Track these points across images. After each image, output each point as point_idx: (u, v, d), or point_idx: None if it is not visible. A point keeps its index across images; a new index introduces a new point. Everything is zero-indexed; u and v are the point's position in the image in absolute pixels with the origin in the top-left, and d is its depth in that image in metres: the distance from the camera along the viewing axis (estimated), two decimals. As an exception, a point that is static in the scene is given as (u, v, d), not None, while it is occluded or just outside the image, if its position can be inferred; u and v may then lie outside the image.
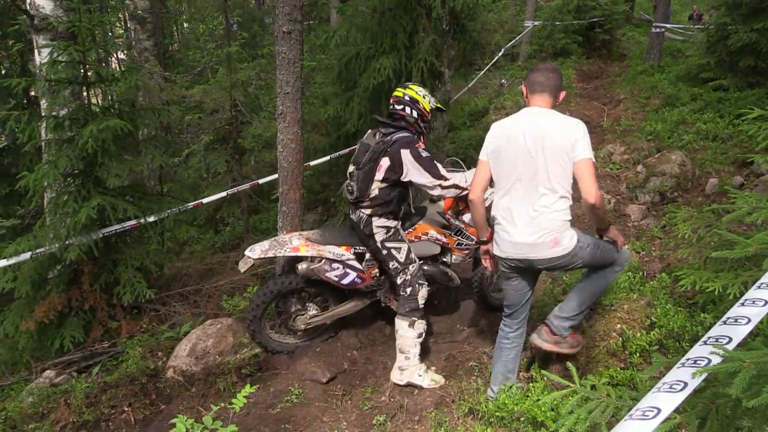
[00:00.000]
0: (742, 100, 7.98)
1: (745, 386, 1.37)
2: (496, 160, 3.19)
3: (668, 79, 10.36)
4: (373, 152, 3.97)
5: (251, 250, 4.23)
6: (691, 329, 3.51)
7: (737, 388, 1.36)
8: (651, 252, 5.50)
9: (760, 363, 1.38)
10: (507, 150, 3.12)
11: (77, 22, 4.95)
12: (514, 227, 3.13)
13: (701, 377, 1.46)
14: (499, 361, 3.54)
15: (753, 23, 8.01)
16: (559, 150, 2.99)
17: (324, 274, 4.25)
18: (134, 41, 10.21)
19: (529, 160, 3.04)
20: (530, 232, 3.08)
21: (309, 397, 4.09)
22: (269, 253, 4.20)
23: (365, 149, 4.05)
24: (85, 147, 4.83)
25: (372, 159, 3.97)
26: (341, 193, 6.76)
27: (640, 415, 1.39)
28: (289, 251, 4.22)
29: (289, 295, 4.52)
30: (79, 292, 5.24)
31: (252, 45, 13.70)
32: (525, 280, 3.37)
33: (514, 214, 3.13)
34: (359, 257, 4.34)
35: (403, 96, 4.14)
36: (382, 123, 4.11)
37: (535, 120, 3.09)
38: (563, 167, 3.01)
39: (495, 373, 3.57)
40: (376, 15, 6.53)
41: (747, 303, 1.86)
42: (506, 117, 3.29)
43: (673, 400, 1.41)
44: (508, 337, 3.51)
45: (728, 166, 6.90)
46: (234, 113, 7.92)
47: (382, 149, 3.95)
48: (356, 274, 4.32)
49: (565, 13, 14.27)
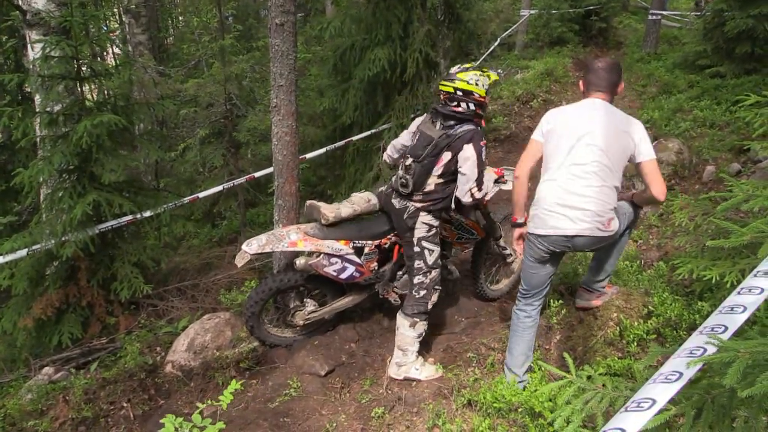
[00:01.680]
0: (739, 86, 7.96)
1: (739, 376, 1.36)
2: (553, 143, 3.26)
3: (665, 66, 10.33)
4: (435, 146, 3.80)
5: (248, 244, 4.14)
6: (689, 318, 3.51)
7: (732, 378, 1.35)
8: (648, 240, 5.50)
9: (754, 353, 1.38)
10: (566, 136, 3.20)
11: (69, 16, 4.92)
12: (573, 200, 3.17)
13: (696, 367, 1.45)
14: (522, 341, 3.55)
15: (749, 9, 7.97)
16: (618, 148, 3.15)
17: (322, 269, 4.22)
18: (129, 35, 10.16)
19: (589, 147, 3.14)
20: (593, 208, 3.16)
21: (307, 391, 4.08)
22: (266, 248, 4.13)
23: (426, 141, 3.85)
24: (80, 142, 4.80)
25: (433, 153, 3.81)
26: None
27: (636, 406, 1.38)
28: (287, 246, 4.14)
29: (288, 290, 4.50)
30: (77, 288, 5.23)
31: (247, 37, 13.62)
32: (555, 262, 3.46)
33: (574, 189, 3.17)
34: (358, 251, 4.28)
35: (454, 92, 3.79)
36: (444, 115, 3.85)
37: (598, 112, 3.20)
38: (621, 161, 3.17)
39: (516, 356, 3.56)
40: (370, 5, 6.50)
41: (743, 291, 1.85)
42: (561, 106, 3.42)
43: (669, 390, 1.41)
44: (531, 315, 3.53)
45: (725, 153, 6.89)
46: (229, 107, 7.88)
47: (445, 143, 3.78)
48: (354, 268, 4.29)
49: (562, 1, 14.19)
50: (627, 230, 3.59)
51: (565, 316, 4.07)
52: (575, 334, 3.92)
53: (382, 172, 6.53)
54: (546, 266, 3.38)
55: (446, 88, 3.81)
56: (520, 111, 10.70)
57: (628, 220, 3.49)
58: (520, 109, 10.76)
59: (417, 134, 3.98)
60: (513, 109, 10.81)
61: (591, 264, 3.88)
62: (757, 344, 1.41)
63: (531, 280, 3.45)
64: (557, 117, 3.29)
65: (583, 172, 3.13)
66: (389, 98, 6.71)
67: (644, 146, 3.16)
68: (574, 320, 4.02)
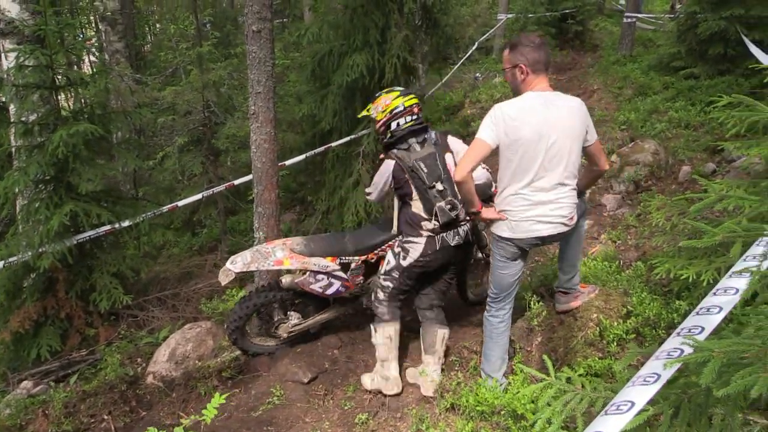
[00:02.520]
0: (713, 87, 8.07)
1: (715, 375, 1.38)
2: (515, 147, 3.11)
3: (640, 68, 10.44)
4: (438, 156, 3.75)
5: (232, 262, 4.06)
6: (667, 317, 3.55)
7: (707, 378, 1.37)
8: (627, 241, 5.56)
9: (728, 352, 1.40)
10: (532, 138, 3.08)
11: (44, 25, 4.87)
12: (544, 207, 3.18)
13: (673, 368, 1.47)
14: (497, 347, 3.57)
15: (721, 11, 8.09)
16: (579, 137, 3.17)
17: (308, 287, 4.17)
18: (105, 43, 10.06)
19: (559, 147, 3.10)
20: (563, 212, 3.21)
21: (291, 398, 4.07)
22: (252, 266, 4.05)
23: (433, 160, 3.72)
24: (56, 152, 4.76)
25: (444, 164, 3.77)
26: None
27: (615, 409, 1.40)
28: (272, 265, 4.06)
29: (271, 304, 4.46)
30: (55, 300, 5.17)
31: (225, 44, 13.56)
32: (525, 259, 3.47)
33: (546, 196, 3.17)
34: (345, 267, 4.24)
35: (410, 106, 3.82)
36: (414, 132, 3.81)
37: (558, 108, 3.13)
38: (579, 150, 3.20)
39: (494, 361, 3.58)
40: (347, 11, 6.50)
41: (719, 292, 1.88)
42: (508, 103, 3.18)
43: (647, 392, 1.42)
44: (504, 320, 3.54)
45: (700, 153, 6.98)
46: (207, 114, 7.83)
47: (442, 150, 3.79)
48: (341, 283, 4.26)
49: (538, 5, 14.30)
50: (581, 218, 3.61)
51: (546, 318, 4.09)
52: (556, 336, 3.94)
53: (361, 178, 6.53)
54: (517, 263, 3.41)
55: (407, 103, 3.82)
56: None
57: (580, 210, 3.49)
58: (498, 112, 10.80)
59: (419, 163, 3.71)
60: (492, 112, 10.86)
61: (559, 265, 3.92)
62: (731, 344, 1.43)
63: (502, 282, 3.46)
64: (520, 126, 3.08)
65: (555, 183, 3.15)
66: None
67: (591, 127, 3.23)
68: (554, 322, 4.05)
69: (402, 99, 3.81)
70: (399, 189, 3.81)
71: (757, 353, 1.39)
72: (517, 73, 3.20)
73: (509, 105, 3.16)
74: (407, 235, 3.83)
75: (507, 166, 3.20)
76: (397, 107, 3.79)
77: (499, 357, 3.58)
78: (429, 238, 3.77)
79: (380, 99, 3.89)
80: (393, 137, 3.80)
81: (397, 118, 3.78)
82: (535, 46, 3.16)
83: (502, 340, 3.58)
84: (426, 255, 3.79)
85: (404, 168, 3.69)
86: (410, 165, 3.68)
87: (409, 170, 3.69)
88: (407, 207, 3.81)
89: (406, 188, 3.74)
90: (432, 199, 3.68)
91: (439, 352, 3.99)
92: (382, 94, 3.92)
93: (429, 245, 3.77)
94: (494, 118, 3.13)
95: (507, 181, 3.24)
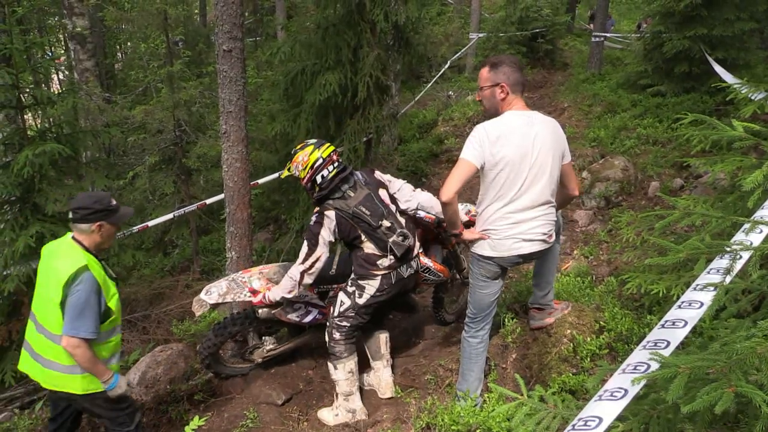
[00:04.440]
0: (679, 104, 8.27)
1: (681, 391, 1.39)
2: (499, 167, 3.10)
3: (609, 86, 10.65)
4: (375, 196, 3.79)
5: (208, 292, 3.98)
6: (639, 331, 3.58)
7: (674, 394, 1.38)
8: (599, 256, 5.62)
9: (694, 368, 1.41)
10: (516, 158, 3.08)
11: (10, 44, 4.79)
12: (525, 225, 3.19)
13: (640, 384, 1.48)
14: (475, 366, 3.56)
15: (686, 31, 8.31)
16: (559, 155, 3.21)
17: (285, 317, 4.11)
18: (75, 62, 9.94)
19: (540, 165, 3.12)
20: (544, 230, 3.24)
21: (264, 421, 4.00)
22: (227, 297, 3.97)
23: (370, 200, 3.75)
24: (22, 172, 4.67)
25: (382, 200, 3.81)
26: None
27: (582, 425, 1.39)
28: (248, 296, 3.99)
29: (246, 330, 4.39)
30: (20, 324, 5.03)
31: (198, 62, 13.50)
32: (504, 277, 3.48)
33: (528, 214, 3.18)
34: (322, 295, 4.22)
35: (329, 155, 3.82)
36: (343, 179, 3.80)
37: (540, 128, 3.15)
38: (559, 168, 3.24)
39: (472, 380, 3.57)
40: (320, 30, 6.53)
41: (684, 305, 1.90)
42: (491, 123, 3.18)
43: (614, 408, 1.42)
44: (482, 341, 3.53)
45: (669, 169, 7.12)
46: (178, 133, 7.77)
47: (373, 188, 3.83)
48: (318, 311, 4.21)
49: (509, 24, 14.55)
50: (558, 234, 3.67)
51: (520, 335, 4.10)
52: (531, 352, 3.95)
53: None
54: (497, 282, 3.41)
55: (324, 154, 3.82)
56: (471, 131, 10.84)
57: (556, 227, 3.51)
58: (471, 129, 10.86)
59: (360, 209, 3.70)
60: (464, 130, 10.98)
61: (534, 281, 3.93)
62: (696, 359, 1.44)
63: (482, 302, 3.45)
64: (505, 146, 3.08)
65: (537, 201, 3.17)
66: (341, 122, 6.72)
67: (567, 148, 3.29)
68: (529, 338, 4.06)
69: (318, 151, 3.79)
70: (345, 237, 3.78)
71: (721, 369, 1.41)
72: (497, 91, 3.20)
73: (493, 125, 3.14)
74: (361, 276, 3.82)
75: (490, 186, 3.19)
76: (317, 161, 3.76)
77: (477, 377, 3.58)
78: (384, 275, 3.79)
79: (297, 157, 3.84)
80: (323, 190, 3.77)
81: (320, 171, 3.76)
82: (517, 68, 3.20)
83: (480, 360, 3.57)
84: (382, 290, 3.81)
85: (346, 216, 3.68)
86: (350, 212, 3.68)
87: (351, 217, 3.67)
88: (358, 250, 3.79)
89: (353, 233, 3.72)
90: (383, 237, 3.70)
91: (386, 355, 4.12)
92: (298, 151, 3.87)
93: (385, 280, 3.81)
94: (479, 139, 3.12)
95: (489, 200, 3.23)
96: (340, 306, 3.88)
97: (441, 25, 16.81)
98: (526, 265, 5.08)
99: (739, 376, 1.38)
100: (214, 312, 5.77)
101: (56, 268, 3.09)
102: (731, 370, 1.39)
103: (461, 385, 3.62)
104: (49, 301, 3.08)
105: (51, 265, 3.16)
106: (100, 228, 3.22)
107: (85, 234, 3.21)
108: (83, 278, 3.03)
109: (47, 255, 3.25)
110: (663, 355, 1.50)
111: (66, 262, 3.10)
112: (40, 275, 3.23)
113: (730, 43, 8.35)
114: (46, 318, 3.14)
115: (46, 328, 3.14)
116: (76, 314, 2.99)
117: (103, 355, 3.20)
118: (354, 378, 3.91)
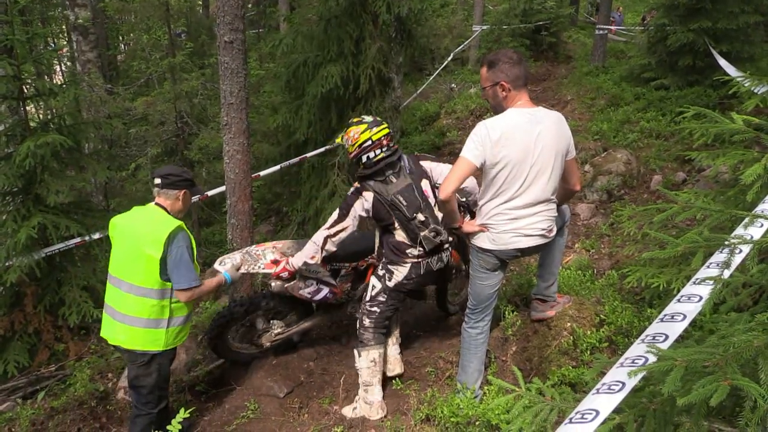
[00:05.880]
0: (683, 98, 8.24)
1: (678, 384, 1.39)
2: (500, 165, 3.08)
3: (612, 79, 10.62)
4: (416, 187, 3.68)
5: (221, 263, 3.94)
6: (639, 325, 3.59)
7: (670, 386, 1.38)
8: (600, 250, 5.62)
9: (690, 360, 1.41)
10: (518, 157, 3.05)
11: (11, 35, 4.78)
12: (524, 220, 3.19)
13: (638, 377, 1.48)
14: (475, 357, 3.57)
15: (690, 24, 8.28)
16: (562, 152, 3.19)
17: (297, 292, 4.09)
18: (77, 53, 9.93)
19: (543, 162, 3.10)
20: (544, 226, 3.24)
21: (265, 412, 4.02)
22: (242, 269, 3.94)
23: (410, 192, 3.65)
24: (24, 164, 4.68)
25: (422, 192, 3.70)
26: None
27: (579, 418, 1.40)
28: (263, 268, 3.98)
29: (255, 313, 4.39)
30: (23, 314, 5.05)
31: (200, 54, 13.47)
32: (504, 269, 3.49)
33: (527, 211, 3.18)
34: (335, 273, 4.22)
35: (379, 139, 3.69)
36: (390, 164, 3.70)
37: (544, 126, 3.10)
38: (562, 165, 3.21)
39: (471, 372, 3.58)
40: (322, 22, 6.52)
41: (683, 299, 1.90)
42: (493, 121, 3.12)
43: (611, 401, 1.43)
44: (482, 332, 3.54)
45: (671, 163, 7.10)
46: (180, 125, 7.77)
47: (417, 178, 3.72)
48: (329, 289, 4.21)
49: (512, 17, 14.48)
50: (563, 227, 3.69)
51: (521, 328, 4.11)
52: (531, 345, 3.96)
53: (337, 188, 6.52)
54: (497, 273, 3.41)
55: (375, 136, 3.70)
56: (473, 124, 10.81)
57: (561, 220, 3.54)
58: (473, 122, 10.90)
59: (398, 197, 3.63)
60: (467, 122, 10.97)
61: (539, 272, 3.94)
62: (693, 352, 1.45)
63: (481, 293, 3.46)
64: (507, 146, 3.03)
65: (537, 198, 3.15)
66: (343, 114, 6.72)
67: (572, 143, 3.26)
68: (529, 331, 4.06)
69: (369, 132, 3.69)
70: (380, 221, 3.75)
71: (717, 362, 1.41)
72: (498, 90, 3.15)
73: (494, 123, 3.09)
74: (391, 261, 3.79)
75: (491, 183, 3.17)
76: (365, 141, 3.68)
77: (476, 369, 3.59)
78: (414, 264, 3.75)
79: (349, 131, 3.77)
80: (367, 169, 3.71)
81: (366, 151, 3.68)
82: (515, 62, 3.10)
83: (480, 352, 3.58)
84: (410, 278, 3.77)
85: (383, 201, 3.63)
86: (389, 200, 3.61)
87: (388, 204, 3.62)
88: (390, 235, 3.76)
89: (388, 219, 3.68)
90: (415, 229, 3.65)
91: (396, 333, 4.20)
92: (352, 125, 3.79)
93: (414, 270, 3.76)
94: (480, 138, 3.07)
95: (489, 196, 3.22)
96: (372, 290, 3.86)
97: (444, 17, 16.77)
98: (527, 259, 5.08)
99: (735, 369, 1.38)
100: (215, 304, 5.80)
101: (148, 229, 3.31)
102: (727, 363, 1.40)
103: (461, 376, 3.64)
104: (138, 258, 3.29)
105: (136, 228, 3.36)
106: (185, 195, 3.50)
107: (171, 200, 3.46)
108: (182, 236, 3.32)
109: (128, 220, 3.44)
110: (660, 348, 1.51)
111: (160, 222, 3.33)
112: (119, 240, 3.42)
113: (735, 36, 8.32)
114: (133, 275, 3.33)
115: (134, 284, 3.34)
116: (186, 268, 3.29)
117: (189, 308, 3.51)
118: (376, 369, 3.86)
